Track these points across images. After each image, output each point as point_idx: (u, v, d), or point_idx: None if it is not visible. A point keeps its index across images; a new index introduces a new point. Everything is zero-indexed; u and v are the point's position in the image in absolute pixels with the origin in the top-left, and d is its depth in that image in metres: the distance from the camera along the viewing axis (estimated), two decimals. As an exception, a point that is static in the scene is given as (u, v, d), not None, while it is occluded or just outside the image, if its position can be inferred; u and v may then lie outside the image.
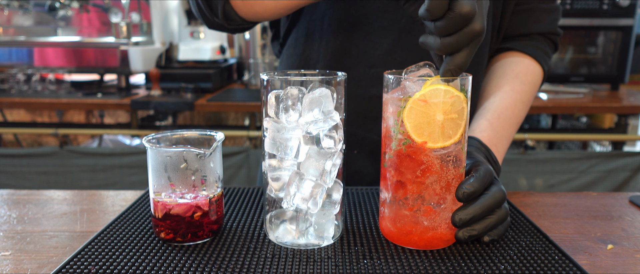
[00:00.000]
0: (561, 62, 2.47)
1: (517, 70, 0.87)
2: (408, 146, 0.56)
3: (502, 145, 0.80)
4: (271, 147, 0.59)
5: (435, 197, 0.57)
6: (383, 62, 0.83)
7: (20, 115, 3.30)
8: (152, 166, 0.60)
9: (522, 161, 2.15)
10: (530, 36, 0.90)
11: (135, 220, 0.67)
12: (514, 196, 0.82)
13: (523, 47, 0.89)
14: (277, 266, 0.55)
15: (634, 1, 2.28)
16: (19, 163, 2.24)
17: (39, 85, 2.42)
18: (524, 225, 0.66)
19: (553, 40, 0.92)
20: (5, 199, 0.79)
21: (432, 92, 0.54)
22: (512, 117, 0.83)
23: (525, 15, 0.89)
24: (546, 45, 0.91)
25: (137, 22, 2.56)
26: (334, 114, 0.57)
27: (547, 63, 0.90)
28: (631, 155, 2.17)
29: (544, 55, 0.89)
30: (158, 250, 0.58)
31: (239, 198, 0.76)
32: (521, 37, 0.90)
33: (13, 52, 2.50)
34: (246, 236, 0.63)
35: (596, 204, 0.78)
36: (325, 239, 0.60)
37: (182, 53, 2.57)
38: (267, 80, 0.58)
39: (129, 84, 2.55)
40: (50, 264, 0.57)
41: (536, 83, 0.89)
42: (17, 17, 2.84)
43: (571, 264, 0.55)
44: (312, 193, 0.57)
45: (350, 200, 0.75)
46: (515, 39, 0.91)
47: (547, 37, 0.91)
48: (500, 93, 0.84)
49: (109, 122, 3.24)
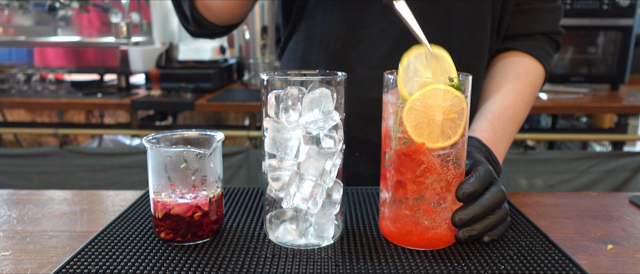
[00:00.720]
0: (561, 62, 2.47)
1: (519, 69, 0.87)
2: (408, 146, 0.56)
3: (503, 145, 0.80)
4: (271, 147, 0.59)
5: (435, 197, 0.57)
6: (383, 64, 0.83)
7: (20, 115, 3.30)
8: (152, 166, 0.60)
9: (522, 161, 2.15)
10: (532, 36, 0.90)
11: (135, 220, 0.67)
12: (514, 196, 0.82)
13: (524, 47, 0.89)
14: (277, 266, 0.55)
15: (634, 1, 2.28)
16: (19, 163, 2.24)
17: (39, 85, 2.42)
18: (524, 225, 0.66)
19: (555, 40, 0.91)
20: (5, 199, 0.79)
21: (431, 92, 0.54)
22: (513, 117, 0.83)
23: (527, 15, 0.89)
24: (548, 45, 0.90)
25: (137, 22, 2.56)
26: (334, 114, 0.57)
27: (549, 63, 0.90)
28: (631, 155, 2.17)
29: (546, 54, 0.89)
30: (158, 250, 0.58)
31: (239, 198, 0.76)
32: (523, 37, 0.90)
33: (13, 52, 2.50)
34: (246, 236, 0.63)
35: (596, 204, 0.78)
36: (325, 239, 0.60)
37: (182, 53, 2.57)
38: (267, 80, 0.58)
39: (129, 84, 2.55)
40: (50, 264, 0.57)
41: (537, 83, 0.88)
42: (17, 17, 2.84)
43: (571, 264, 0.55)
44: (312, 193, 0.57)
45: (350, 200, 0.75)
46: (516, 38, 0.90)
47: (548, 36, 0.91)
48: (501, 93, 0.84)
49: (109, 122, 3.24)
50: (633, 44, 2.35)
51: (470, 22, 0.83)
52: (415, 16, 0.82)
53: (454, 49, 0.83)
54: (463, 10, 0.82)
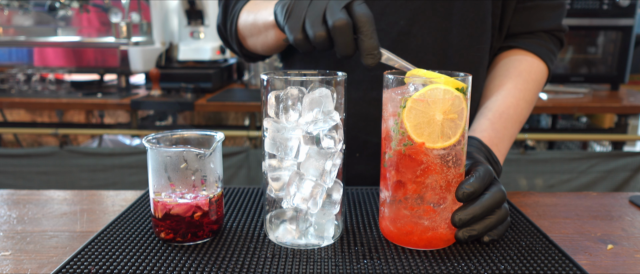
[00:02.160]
0: (561, 62, 2.47)
1: (521, 68, 0.86)
2: (408, 146, 0.56)
3: (504, 145, 0.80)
4: (271, 147, 0.59)
5: (435, 197, 0.57)
6: (382, 65, 0.83)
7: (20, 115, 3.30)
8: (152, 167, 0.60)
9: (522, 161, 2.15)
10: (535, 34, 0.89)
11: (135, 220, 0.67)
12: (514, 196, 0.82)
13: (527, 45, 0.88)
14: (277, 266, 0.55)
15: (634, 1, 2.28)
16: (19, 163, 2.24)
17: (39, 85, 2.42)
18: (524, 225, 0.66)
19: (558, 37, 0.91)
20: (5, 199, 0.79)
21: (431, 92, 0.54)
22: (514, 116, 0.82)
23: (529, 12, 0.88)
24: (551, 43, 0.89)
25: (137, 22, 2.56)
26: (334, 114, 0.57)
27: (552, 61, 0.89)
28: (631, 155, 2.17)
29: (549, 52, 0.88)
30: (158, 250, 0.58)
31: (239, 198, 0.76)
32: (525, 34, 0.89)
33: (13, 52, 2.50)
34: (246, 236, 0.63)
35: (596, 204, 0.78)
36: (325, 239, 0.60)
37: (182, 53, 2.56)
38: (267, 80, 0.58)
39: (129, 84, 2.55)
40: (50, 264, 0.57)
41: (540, 82, 0.87)
42: (17, 17, 2.84)
43: (571, 264, 0.55)
44: (312, 193, 0.57)
45: (350, 200, 0.75)
46: (519, 36, 0.90)
47: (552, 34, 0.90)
48: (503, 92, 0.84)
49: (109, 122, 3.24)
50: (633, 44, 2.35)
51: (470, 21, 0.83)
52: (415, 15, 0.82)
53: (454, 48, 0.83)
54: (462, 10, 0.82)
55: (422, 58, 0.82)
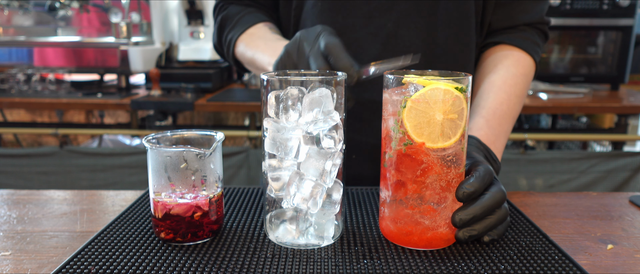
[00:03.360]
0: (561, 62, 2.47)
1: (508, 63, 0.86)
2: (408, 146, 0.56)
3: (500, 142, 0.80)
4: (271, 147, 0.59)
5: (435, 197, 0.57)
6: None
7: (20, 115, 3.30)
8: (152, 167, 0.60)
9: (522, 161, 2.15)
10: (517, 28, 0.89)
11: (135, 220, 0.67)
12: (514, 196, 0.82)
13: (511, 40, 0.88)
14: (277, 266, 0.55)
15: (634, 1, 2.28)
16: (19, 163, 2.24)
17: (39, 85, 2.42)
18: (524, 225, 0.66)
19: (542, 30, 0.91)
20: (5, 199, 0.79)
21: (431, 92, 0.54)
22: (507, 112, 0.82)
23: (511, 6, 0.88)
24: (535, 35, 0.90)
25: (137, 22, 2.56)
26: (334, 114, 0.57)
27: (537, 53, 0.89)
28: (631, 155, 2.17)
29: (534, 45, 0.88)
30: (158, 250, 0.58)
31: (239, 198, 0.76)
32: (508, 29, 0.89)
33: (13, 52, 2.50)
34: (246, 236, 0.63)
35: (596, 204, 0.78)
36: (325, 239, 0.60)
37: (182, 53, 2.56)
38: (267, 80, 0.58)
39: (129, 84, 2.55)
40: (50, 264, 0.57)
41: (528, 75, 0.88)
42: (17, 17, 2.84)
43: (571, 264, 0.55)
44: (312, 193, 0.57)
45: (350, 200, 0.75)
46: (502, 32, 0.90)
47: (535, 27, 0.90)
48: (494, 89, 0.84)
49: (109, 122, 3.24)
50: (633, 44, 2.35)
51: (455, 21, 0.83)
52: (401, 17, 0.84)
53: (441, 48, 0.84)
54: (447, 9, 0.83)
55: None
